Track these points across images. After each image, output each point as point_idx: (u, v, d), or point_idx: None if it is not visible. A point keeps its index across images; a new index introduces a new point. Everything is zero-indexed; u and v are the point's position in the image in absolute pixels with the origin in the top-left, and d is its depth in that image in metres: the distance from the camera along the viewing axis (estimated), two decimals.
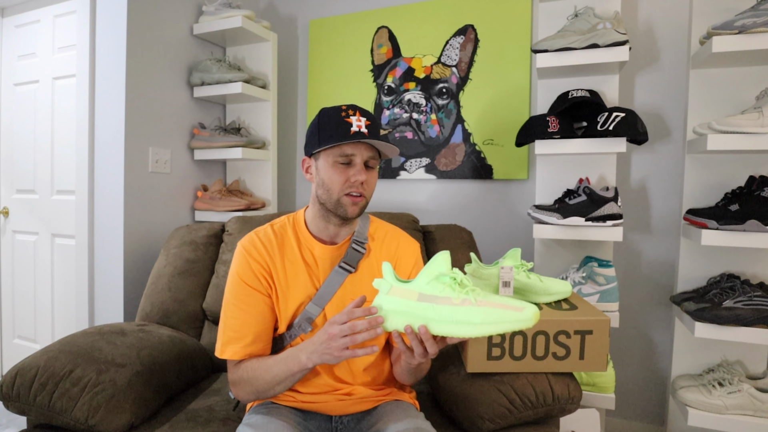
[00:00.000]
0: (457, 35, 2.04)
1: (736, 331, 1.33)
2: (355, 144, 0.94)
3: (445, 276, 0.81)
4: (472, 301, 0.78)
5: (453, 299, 0.79)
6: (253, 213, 2.00)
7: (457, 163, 2.04)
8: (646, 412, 1.83)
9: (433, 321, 0.79)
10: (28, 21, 2.14)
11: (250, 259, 0.99)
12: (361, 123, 0.92)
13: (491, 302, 0.78)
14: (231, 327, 0.97)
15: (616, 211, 1.45)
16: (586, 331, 1.04)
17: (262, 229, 1.04)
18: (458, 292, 0.80)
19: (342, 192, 0.95)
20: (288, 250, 1.02)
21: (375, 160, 0.97)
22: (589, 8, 1.51)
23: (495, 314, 0.76)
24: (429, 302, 0.80)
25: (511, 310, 0.76)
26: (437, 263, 0.83)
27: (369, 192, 0.98)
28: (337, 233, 1.03)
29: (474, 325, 0.77)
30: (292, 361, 0.89)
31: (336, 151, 0.94)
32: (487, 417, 1.06)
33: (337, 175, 0.94)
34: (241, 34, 2.03)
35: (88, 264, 1.84)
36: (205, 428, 1.09)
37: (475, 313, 0.77)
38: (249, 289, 0.98)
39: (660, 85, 1.77)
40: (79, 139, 1.84)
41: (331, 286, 1.00)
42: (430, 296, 0.81)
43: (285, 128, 2.42)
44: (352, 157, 0.94)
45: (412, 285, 0.83)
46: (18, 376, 1.06)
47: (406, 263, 1.07)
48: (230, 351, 0.96)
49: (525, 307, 0.76)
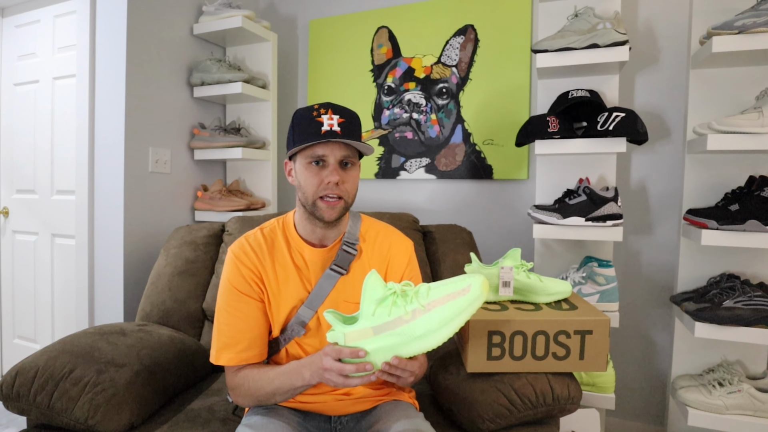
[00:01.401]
0: (457, 35, 2.04)
1: (736, 331, 1.33)
2: (327, 144, 0.91)
3: (385, 297, 0.79)
4: (420, 308, 0.76)
5: (404, 316, 0.77)
6: (253, 213, 2.00)
7: (457, 163, 2.04)
8: (646, 412, 1.83)
9: (399, 346, 0.78)
10: (28, 21, 2.14)
11: (240, 264, 0.98)
12: (333, 121, 0.90)
13: (438, 299, 0.76)
14: (225, 333, 0.97)
15: (616, 211, 1.45)
16: (586, 331, 1.04)
17: (252, 233, 1.03)
18: (403, 305, 0.77)
19: (316, 194, 0.92)
20: (278, 254, 1.00)
21: (353, 158, 0.95)
22: (589, 8, 1.51)
23: (448, 311, 0.75)
24: (386, 331, 0.78)
25: (460, 296, 0.75)
26: (370, 288, 0.80)
27: (348, 192, 0.94)
28: (325, 236, 1.01)
29: (436, 332, 0.75)
30: (295, 376, 0.89)
31: (308, 153, 0.92)
32: (487, 417, 1.06)
33: (311, 177, 0.92)
34: (241, 34, 2.03)
35: (88, 264, 1.84)
36: (205, 428, 1.09)
37: (431, 321, 0.75)
38: (241, 296, 0.97)
39: (660, 85, 1.77)
40: (79, 139, 1.84)
41: (323, 289, 0.99)
42: (382, 325, 0.78)
43: (285, 128, 2.42)
44: (324, 158, 0.91)
45: (362, 323, 0.80)
46: (18, 376, 1.06)
47: (399, 263, 1.06)
48: (225, 357, 0.96)
49: (470, 284, 0.75)
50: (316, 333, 1.00)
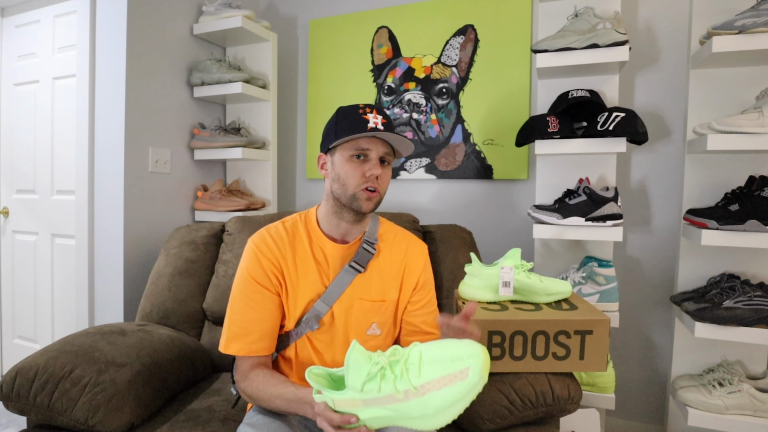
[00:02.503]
0: (457, 35, 2.04)
1: (736, 331, 1.33)
2: (371, 139, 0.95)
3: (373, 375, 0.73)
4: (413, 390, 0.70)
5: (395, 395, 0.72)
6: (253, 213, 2.00)
7: (457, 163, 2.04)
8: (646, 412, 1.83)
9: (395, 420, 0.73)
10: (28, 21, 2.14)
11: (261, 256, 0.99)
12: (378, 120, 0.94)
13: (433, 381, 0.70)
14: (236, 323, 0.97)
15: (616, 211, 1.45)
16: (586, 331, 1.04)
17: (273, 226, 1.05)
18: (392, 381, 0.72)
19: (358, 187, 0.95)
20: (299, 248, 1.02)
21: (390, 156, 0.99)
22: (589, 8, 1.51)
23: (444, 399, 0.69)
24: (377, 405, 0.73)
25: (457, 381, 0.69)
26: (354, 364, 0.74)
27: (383, 188, 0.98)
28: (349, 231, 1.03)
29: (433, 417, 0.70)
30: (297, 406, 0.87)
31: (352, 146, 0.95)
32: (487, 417, 1.06)
33: (353, 169, 0.95)
34: (241, 34, 2.03)
35: (88, 264, 1.84)
36: (205, 428, 1.09)
37: (426, 407, 0.70)
38: (258, 287, 0.98)
39: (660, 85, 1.77)
40: (79, 139, 1.84)
41: (340, 284, 1.00)
42: (372, 399, 0.73)
43: (285, 128, 2.42)
44: (367, 152, 0.95)
45: (350, 393, 0.75)
46: (18, 376, 1.06)
47: (416, 267, 1.08)
48: (234, 347, 0.96)
49: (469, 366, 0.68)
50: (328, 329, 1.01)
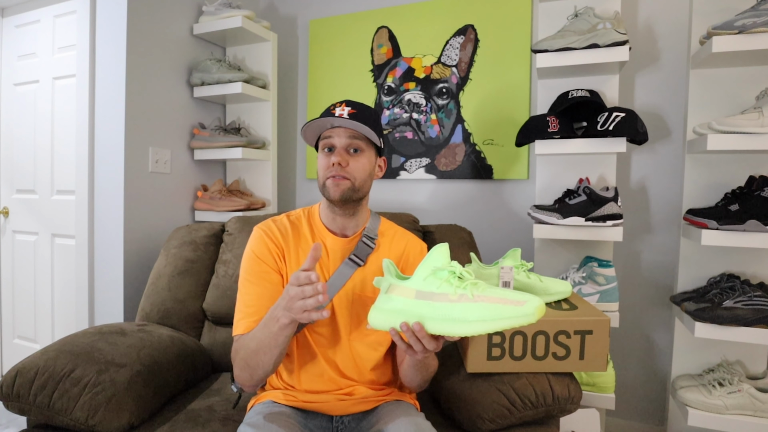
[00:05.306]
0: (457, 35, 2.04)
1: (736, 331, 1.33)
2: (335, 129, 0.99)
3: (443, 270, 0.78)
4: (469, 296, 0.74)
5: (450, 295, 0.76)
6: (253, 213, 2.00)
7: (457, 163, 2.04)
8: (646, 412, 1.83)
9: (429, 319, 0.76)
10: (28, 21, 2.14)
11: (266, 238, 1.03)
12: (344, 111, 0.97)
13: (490, 297, 0.74)
14: (245, 302, 0.99)
15: (616, 211, 1.45)
16: (586, 331, 1.04)
17: (278, 217, 1.09)
18: (456, 287, 0.76)
19: (325, 176, 1.00)
20: (302, 240, 1.05)
21: (361, 145, 1.00)
22: (589, 8, 1.51)
23: (492, 311, 0.72)
24: (426, 299, 0.77)
25: (511, 305, 0.72)
26: (434, 257, 0.80)
27: (354, 175, 0.99)
28: (345, 225, 1.06)
29: (470, 323, 0.73)
30: (271, 321, 0.89)
31: (323, 143, 1.02)
32: (487, 417, 1.06)
33: (322, 161, 1.01)
34: (241, 34, 2.03)
35: (88, 264, 1.84)
36: (205, 428, 1.09)
37: (472, 310, 0.73)
38: (263, 265, 1.01)
39: (660, 85, 1.77)
40: (79, 139, 1.84)
41: (340, 278, 1.02)
42: (427, 293, 0.78)
43: (285, 128, 2.42)
44: (331, 142, 1.00)
45: (410, 282, 0.81)
46: (18, 376, 1.06)
47: (414, 263, 1.09)
48: (242, 326, 0.97)
49: (527, 300, 0.71)
50: (329, 322, 1.02)
